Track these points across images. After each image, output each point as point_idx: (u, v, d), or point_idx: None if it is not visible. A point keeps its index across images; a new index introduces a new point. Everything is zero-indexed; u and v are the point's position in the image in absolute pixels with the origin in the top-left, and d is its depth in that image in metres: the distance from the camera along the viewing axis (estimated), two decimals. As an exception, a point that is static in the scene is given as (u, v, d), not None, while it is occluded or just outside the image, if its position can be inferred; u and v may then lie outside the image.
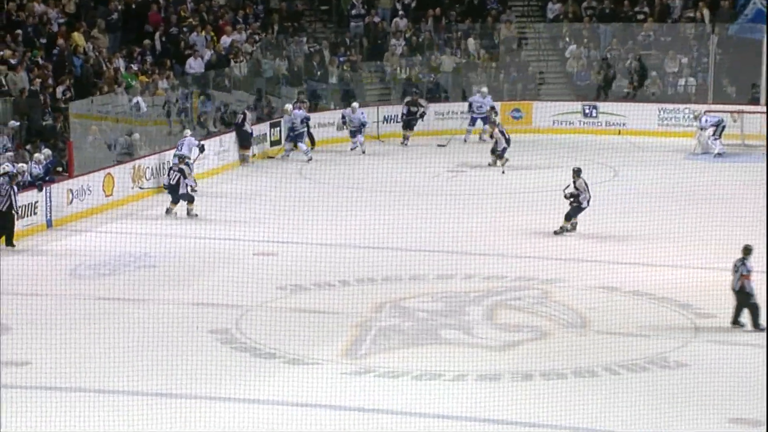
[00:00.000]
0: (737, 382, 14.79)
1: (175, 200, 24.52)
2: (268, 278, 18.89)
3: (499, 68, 36.76)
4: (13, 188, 21.51)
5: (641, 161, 30.12)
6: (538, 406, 14.20)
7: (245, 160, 30.07)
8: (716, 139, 30.84)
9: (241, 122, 30.00)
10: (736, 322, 16.86)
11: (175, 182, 24.49)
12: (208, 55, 32.35)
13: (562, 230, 22.45)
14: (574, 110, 35.07)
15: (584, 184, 22.53)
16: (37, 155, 23.90)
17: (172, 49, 32.22)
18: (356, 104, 32.28)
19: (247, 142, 30.09)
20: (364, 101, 34.00)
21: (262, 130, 31.22)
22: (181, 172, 24.41)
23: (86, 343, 16.31)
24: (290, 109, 31.09)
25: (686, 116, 33.46)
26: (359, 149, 31.39)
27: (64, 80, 27.64)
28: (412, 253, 21.36)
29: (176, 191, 24.44)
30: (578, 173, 22.55)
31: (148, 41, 31.86)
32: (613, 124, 34.64)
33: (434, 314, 17.91)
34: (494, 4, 37.91)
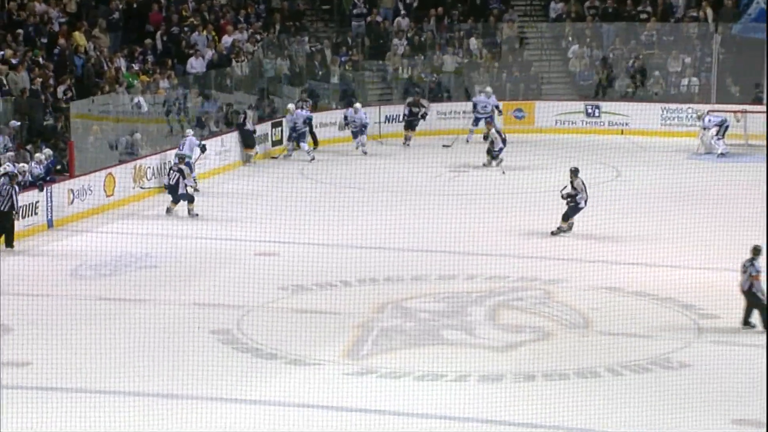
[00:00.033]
0: (740, 382, 14.76)
1: (175, 200, 24.49)
2: (269, 278, 18.82)
3: (501, 68, 36.69)
4: (14, 188, 21.46)
5: (644, 161, 30.08)
6: (540, 406, 14.15)
7: (248, 160, 30.03)
8: (719, 139, 30.79)
9: (242, 122, 30.01)
10: (746, 323, 16.77)
11: (174, 182, 24.46)
12: (209, 54, 32.29)
13: (559, 231, 22.40)
14: (576, 110, 35.01)
15: (582, 184, 22.44)
16: (38, 155, 23.88)
17: (173, 48, 32.17)
18: (358, 105, 32.25)
19: (251, 141, 30.06)
20: (365, 101, 33.98)
21: (264, 129, 31.20)
22: (180, 172, 24.36)
23: (87, 343, 16.26)
24: (292, 108, 31.07)
25: (689, 116, 33.45)
26: (361, 150, 31.37)
27: (65, 80, 27.59)
28: (413, 253, 21.31)
29: (176, 191, 24.41)
30: (576, 173, 22.47)
31: (149, 41, 31.80)
32: (615, 123, 34.60)
33: (436, 315, 17.86)
34: (496, 3, 37.82)
